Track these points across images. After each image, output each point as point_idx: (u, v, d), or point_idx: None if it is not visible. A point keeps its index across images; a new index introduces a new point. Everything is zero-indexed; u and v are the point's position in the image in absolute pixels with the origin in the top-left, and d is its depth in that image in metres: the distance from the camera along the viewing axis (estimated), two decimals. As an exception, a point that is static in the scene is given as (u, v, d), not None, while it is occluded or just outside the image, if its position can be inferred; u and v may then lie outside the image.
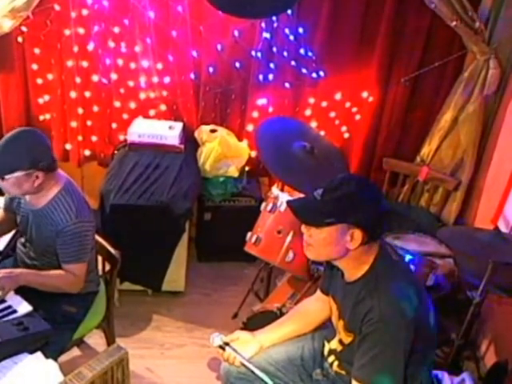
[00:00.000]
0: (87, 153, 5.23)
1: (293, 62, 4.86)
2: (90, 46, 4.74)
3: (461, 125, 4.74)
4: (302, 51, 4.81)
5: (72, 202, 3.23)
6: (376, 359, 2.48)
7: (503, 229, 4.00)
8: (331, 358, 2.93)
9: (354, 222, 2.49)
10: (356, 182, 2.57)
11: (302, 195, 4.01)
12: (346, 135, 5.23)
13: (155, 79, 4.91)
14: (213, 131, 5.01)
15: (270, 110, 5.07)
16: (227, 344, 2.93)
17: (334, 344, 2.89)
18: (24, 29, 4.66)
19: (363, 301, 2.55)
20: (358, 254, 2.58)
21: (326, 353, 2.99)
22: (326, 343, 2.98)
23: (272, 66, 4.87)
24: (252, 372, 2.85)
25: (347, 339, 2.73)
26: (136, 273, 4.58)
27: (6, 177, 3.05)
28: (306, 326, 3.13)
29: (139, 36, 4.74)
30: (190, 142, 5.04)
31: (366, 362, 2.51)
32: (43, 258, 3.37)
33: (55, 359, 2.86)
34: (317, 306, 3.11)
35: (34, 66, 4.85)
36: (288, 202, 2.82)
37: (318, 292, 3.13)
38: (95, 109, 5.05)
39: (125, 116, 5.09)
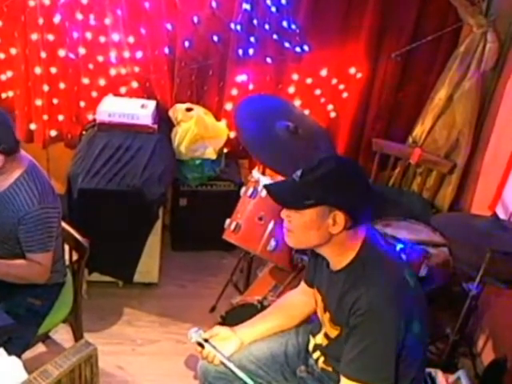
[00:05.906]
0: (53, 133, 5.19)
1: (275, 36, 4.83)
2: (57, 19, 4.68)
3: (456, 103, 4.75)
4: (284, 24, 4.77)
5: (35, 186, 3.21)
6: (365, 353, 2.48)
7: (501, 215, 4.00)
8: (316, 354, 2.93)
9: (335, 203, 2.49)
10: (336, 161, 2.60)
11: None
12: (333, 114, 5.21)
13: (126, 54, 4.87)
14: (188, 110, 4.98)
15: (251, 87, 5.04)
16: (206, 340, 2.91)
17: (320, 339, 2.89)
18: (-16, -1, 4.61)
19: (350, 290, 2.56)
20: (342, 240, 2.58)
21: (311, 348, 2.99)
22: (312, 338, 2.98)
23: (252, 39, 4.84)
24: (232, 372, 2.84)
25: (333, 333, 2.73)
26: (106, 263, 4.57)
27: None
28: (290, 320, 3.13)
29: (109, 7, 4.68)
30: (163, 121, 5.01)
31: (354, 357, 2.51)
32: (4, 245, 3.35)
33: (19, 356, 2.85)
34: (301, 300, 3.12)
35: (-4, 40, 4.81)
36: (265, 186, 2.83)
37: (303, 284, 3.13)
38: (62, 86, 5.00)
39: (94, 94, 5.05)
